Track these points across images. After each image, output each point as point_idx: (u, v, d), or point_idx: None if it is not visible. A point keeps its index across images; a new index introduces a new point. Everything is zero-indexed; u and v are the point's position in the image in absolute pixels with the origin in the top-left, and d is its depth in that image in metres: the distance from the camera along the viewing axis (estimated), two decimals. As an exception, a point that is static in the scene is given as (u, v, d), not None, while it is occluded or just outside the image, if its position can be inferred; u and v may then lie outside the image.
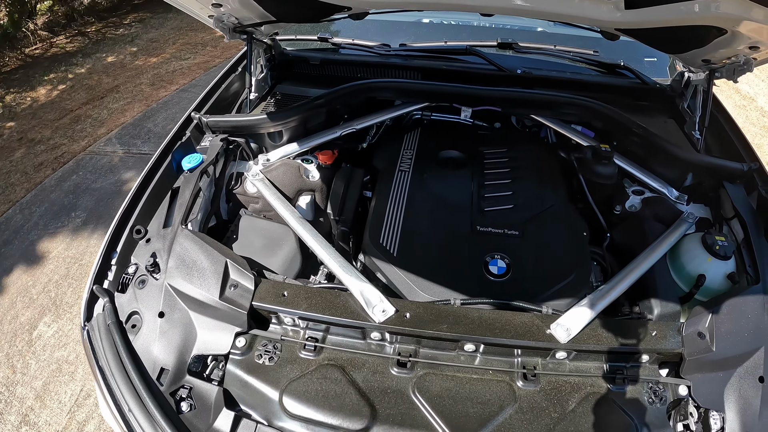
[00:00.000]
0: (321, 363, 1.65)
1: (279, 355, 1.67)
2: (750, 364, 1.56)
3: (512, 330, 1.62)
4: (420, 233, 2.05)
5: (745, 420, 1.49)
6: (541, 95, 2.59)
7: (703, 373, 1.60)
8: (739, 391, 1.53)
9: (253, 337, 1.70)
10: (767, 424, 1.48)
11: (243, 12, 2.19)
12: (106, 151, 5.72)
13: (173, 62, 8.09)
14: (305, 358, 1.66)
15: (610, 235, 2.26)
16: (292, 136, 2.51)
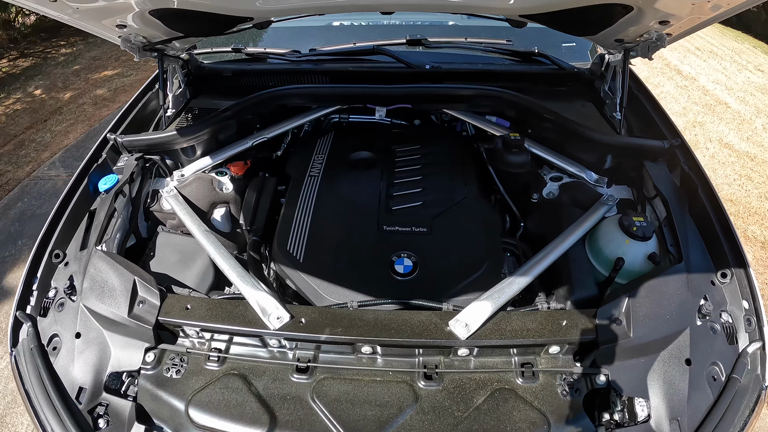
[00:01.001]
0: (224, 373, 1.67)
1: (186, 367, 1.69)
2: (674, 347, 1.55)
3: (408, 330, 1.60)
4: (327, 237, 2.05)
5: (672, 405, 1.47)
6: (447, 88, 2.61)
7: (623, 360, 1.57)
8: (665, 375, 1.51)
9: (162, 352, 1.73)
10: (697, 407, 1.47)
11: (148, 30, 2.17)
12: (50, 175, 5.64)
13: (116, 80, 7.99)
14: (210, 369, 1.68)
15: (524, 225, 2.27)
16: (205, 149, 2.50)
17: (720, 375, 1.54)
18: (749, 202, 5.45)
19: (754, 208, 5.36)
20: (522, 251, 2.15)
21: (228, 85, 2.96)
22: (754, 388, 1.50)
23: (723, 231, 1.86)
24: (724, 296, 1.72)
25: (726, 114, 7.34)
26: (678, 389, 1.49)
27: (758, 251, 4.79)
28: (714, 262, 1.81)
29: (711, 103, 7.61)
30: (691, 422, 1.45)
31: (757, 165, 6.17)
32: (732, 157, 6.23)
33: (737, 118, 7.29)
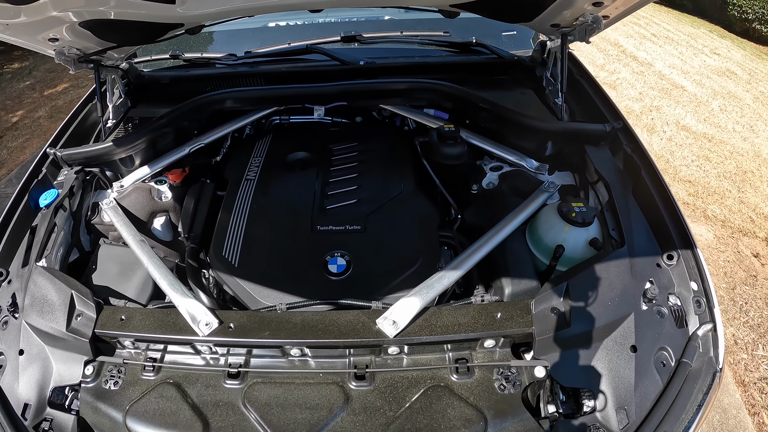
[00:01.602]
0: (159, 382, 1.66)
1: (123, 378, 1.68)
2: (618, 334, 1.52)
3: (336, 330, 1.59)
4: (262, 241, 2.02)
5: (619, 394, 1.44)
6: (381, 83, 2.58)
7: (563, 350, 1.53)
8: (609, 364, 1.48)
9: (100, 364, 1.71)
10: (645, 394, 1.43)
11: (82, 42, 2.13)
12: (7, 192, 5.48)
13: (71, 91, 7.81)
14: (146, 378, 1.67)
15: (462, 216, 2.22)
16: (143, 159, 2.47)
17: (669, 360, 1.49)
18: (708, 182, 5.50)
19: (713, 188, 5.41)
20: (461, 244, 2.09)
21: (168, 93, 2.92)
22: (707, 372, 1.47)
23: (668, 212, 1.82)
24: (671, 279, 1.67)
25: (682, 97, 7.44)
26: (624, 377, 1.45)
27: (719, 230, 4.83)
28: (659, 245, 1.77)
29: (667, 87, 7.71)
30: (639, 410, 1.41)
31: (714, 145, 6.25)
32: (689, 138, 6.31)
33: (694, 101, 7.39)
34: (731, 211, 5.15)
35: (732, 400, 3.34)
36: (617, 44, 9.27)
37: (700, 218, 4.97)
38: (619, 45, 9.31)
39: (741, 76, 9.05)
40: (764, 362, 3.64)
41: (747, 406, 3.33)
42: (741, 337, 3.80)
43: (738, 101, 7.78)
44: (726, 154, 6.15)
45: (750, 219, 5.11)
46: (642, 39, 9.99)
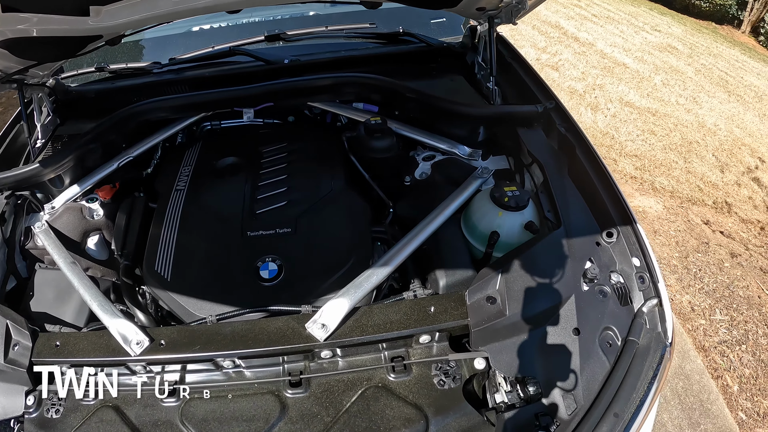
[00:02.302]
0: (99, 406, 1.62)
1: (64, 405, 1.64)
2: (559, 317, 1.48)
3: (266, 338, 1.54)
4: (193, 252, 1.96)
5: (564, 379, 1.40)
6: (304, 81, 2.53)
7: (501, 340, 1.47)
8: (552, 349, 1.44)
9: (40, 393, 1.66)
10: (592, 376, 1.40)
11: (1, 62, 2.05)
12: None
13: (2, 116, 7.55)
14: (86, 404, 1.63)
15: (394, 210, 2.17)
16: (72, 178, 2.37)
17: (615, 339, 1.45)
18: (654, 155, 5.59)
19: (660, 160, 5.51)
20: (395, 238, 2.04)
21: (96, 107, 2.81)
22: (656, 348, 1.44)
23: (605, 190, 1.79)
24: (612, 256, 1.64)
25: (625, 74, 7.57)
26: (569, 361, 1.41)
27: (668, 201, 4.91)
28: (598, 223, 1.74)
29: (609, 65, 7.84)
30: (587, 394, 1.37)
31: (658, 119, 6.37)
32: (633, 114, 6.41)
33: (636, 77, 7.53)
34: (679, 181, 5.25)
35: (694, 366, 3.39)
36: (558, 26, 9.39)
37: (649, 191, 5.04)
38: (560, 27, 9.42)
39: (682, 50, 9.28)
40: (722, 326, 3.71)
41: (709, 370, 3.38)
42: (698, 304, 3.86)
43: (680, 75, 7.97)
44: (671, 126, 6.28)
45: (698, 188, 5.21)
46: (583, 20, 10.14)
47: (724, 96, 7.59)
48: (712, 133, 6.35)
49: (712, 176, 5.49)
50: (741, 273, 4.19)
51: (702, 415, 3.11)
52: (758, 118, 7.25)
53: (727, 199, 5.24)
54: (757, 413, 3.20)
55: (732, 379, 3.37)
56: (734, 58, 9.91)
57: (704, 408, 3.15)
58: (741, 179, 5.69)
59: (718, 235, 4.64)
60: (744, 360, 3.49)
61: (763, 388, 3.34)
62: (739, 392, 3.30)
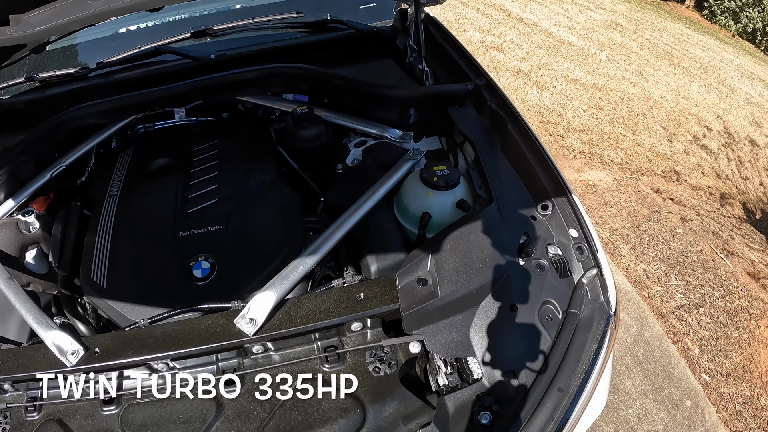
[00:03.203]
0: (42, 420, 1.59)
1: (10, 423, 1.60)
2: (495, 294, 1.45)
3: (196, 337, 1.51)
4: (127, 258, 1.92)
5: (503, 357, 1.37)
6: (228, 75, 2.49)
7: (435, 322, 1.44)
8: (489, 328, 1.41)
9: None
10: (533, 352, 1.38)
11: None
12: None
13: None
14: (30, 420, 1.59)
15: (324, 198, 2.15)
16: (6, 192, 2.30)
17: (556, 313, 1.44)
18: (602, 129, 5.66)
19: (607, 134, 5.58)
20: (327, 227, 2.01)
21: (28, 118, 2.74)
22: (599, 318, 1.43)
23: (538, 163, 1.77)
24: (549, 229, 1.63)
25: (570, 52, 7.65)
26: (507, 339, 1.39)
27: (617, 172, 4.97)
28: (533, 196, 1.73)
29: (554, 44, 7.91)
30: (529, 370, 1.36)
31: (605, 94, 6.45)
32: (580, 90, 6.48)
33: (581, 54, 7.61)
34: (627, 153, 5.32)
35: (653, 332, 3.42)
36: (502, 8, 9.43)
37: (598, 164, 5.09)
38: (504, 9, 9.46)
39: (627, 26, 9.43)
40: (679, 291, 3.76)
41: (669, 336, 3.42)
42: (652, 271, 3.91)
43: (625, 50, 8.10)
44: (617, 100, 6.36)
45: (647, 158, 5.29)
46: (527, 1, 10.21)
47: (670, 69, 7.74)
48: (658, 105, 6.46)
49: (660, 146, 5.58)
50: (694, 238, 4.26)
51: (665, 380, 3.15)
52: (704, 88, 7.41)
53: (675, 167, 5.33)
54: (720, 373, 3.26)
55: (692, 342, 3.41)
56: (679, 32, 10.12)
57: (666, 372, 3.19)
58: (689, 147, 5.80)
59: (668, 202, 4.72)
60: (703, 323, 3.55)
61: (723, 348, 3.40)
62: (701, 354, 3.35)
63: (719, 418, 3.03)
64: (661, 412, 2.99)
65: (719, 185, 5.33)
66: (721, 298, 3.76)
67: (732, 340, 3.46)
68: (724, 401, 3.12)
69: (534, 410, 1.28)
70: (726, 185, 5.36)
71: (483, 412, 1.31)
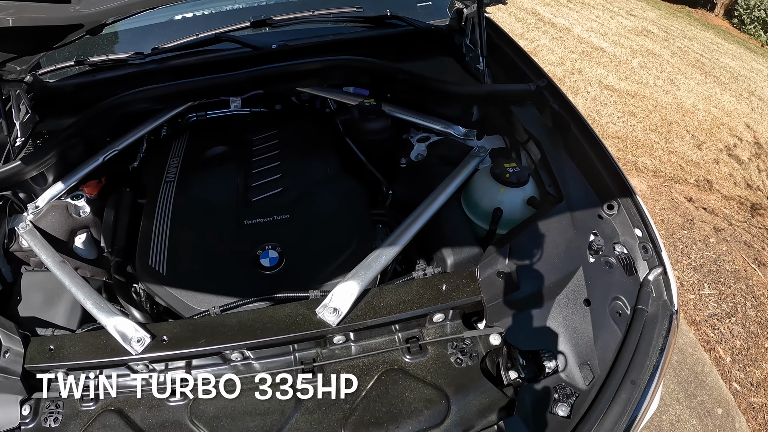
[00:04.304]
0: (100, 411, 1.53)
1: (63, 413, 1.55)
2: (569, 289, 1.47)
3: (275, 327, 1.49)
4: (188, 244, 1.91)
5: (579, 350, 1.39)
6: (293, 65, 2.50)
7: (515, 314, 1.47)
8: (565, 321, 1.43)
9: (37, 401, 1.57)
10: (606, 346, 1.40)
11: None
12: None
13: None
14: (86, 409, 1.54)
15: (393, 192, 2.16)
16: (56, 175, 2.28)
17: (625, 309, 1.47)
18: (635, 136, 5.66)
19: (641, 141, 5.57)
20: (395, 220, 2.03)
21: (77, 101, 2.70)
22: (663, 315, 1.45)
23: (602, 163, 1.79)
24: (615, 228, 1.65)
25: (603, 58, 7.64)
26: (582, 332, 1.41)
27: (651, 180, 4.97)
28: (598, 196, 1.75)
29: (587, 50, 7.89)
30: (603, 362, 1.38)
31: (638, 101, 6.43)
32: (613, 97, 6.47)
33: (614, 61, 7.60)
34: (661, 161, 5.32)
35: (687, 340, 3.43)
36: (535, 12, 9.42)
37: (632, 171, 5.09)
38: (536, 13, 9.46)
39: (657, 34, 9.38)
40: (711, 300, 3.76)
41: (702, 343, 3.43)
42: (686, 279, 3.91)
43: (657, 58, 8.06)
44: (650, 108, 6.35)
45: (680, 167, 5.28)
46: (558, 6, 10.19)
47: (701, 77, 7.70)
48: (690, 114, 6.44)
49: (692, 155, 5.57)
50: (726, 248, 4.25)
51: (698, 387, 3.16)
52: (734, 98, 7.36)
53: (708, 177, 5.32)
54: (750, 383, 3.26)
55: (724, 351, 3.42)
56: (709, 40, 10.05)
57: (699, 380, 3.20)
58: (720, 157, 5.78)
59: (701, 211, 4.71)
60: (734, 332, 3.55)
61: (754, 358, 3.40)
62: (732, 363, 3.36)
63: (749, 428, 3.03)
64: (693, 419, 3.00)
65: (750, 195, 5.30)
66: (753, 308, 3.75)
67: (763, 350, 3.46)
68: (754, 411, 3.12)
69: (610, 402, 1.30)
70: (757, 196, 5.34)
71: (561, 403, 1.33)
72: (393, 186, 2.17)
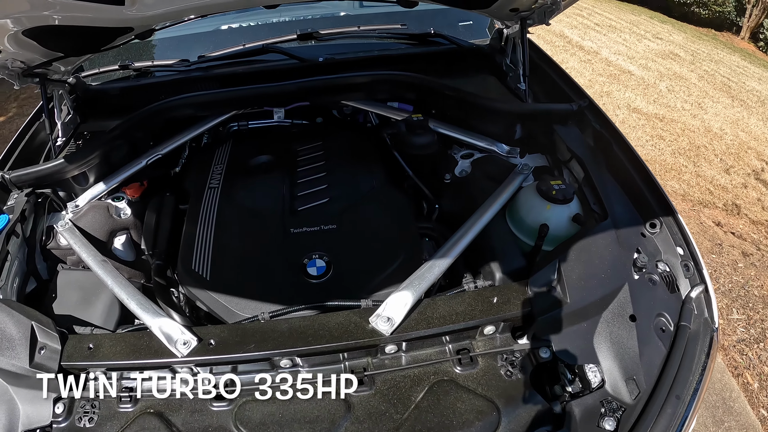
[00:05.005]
0: (139, 413, 1.51)
1: (98, 413, 1.51)
2: (615, 305, 1.47)
3: (327, 334, 1.48)
4: (232, 250, 1.92)
5: (625, 364, 1.39)
6: (342, 78, 2.52)
7: (564, 328, 1.47)
8: (611, 336, 1.43)
9: (71, 400, 1.53)
10: (651, 361, 1.40)
11: (25, 54, 1.99)
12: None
13: (16, 120, 7.48)
14: (123, 411, 1.51)
15: (439, 206, 2.18)
16: (98, 175, 2.30)
17: (668, 325, 1.47)
18: (664, 159, 5.66)
19: (669, 165, 5.57)
20: (441, 234, 2.04)
21: (119, 105, 2.75)
22: (705, 332, 1.46)
23: (644, 182, 1.82)
24: (657, 246, 1.67)
25: (630, 81, 7.65)
26: (628, 347, 1.41)
27: (680, 204, 4.96)
28: (641, 215, 1.76)
29: (615, 72, 7.92)
30: (648, 378, 1.37)
31: (666, 125, 6.44)
32: (642, 120, 6.48)
33: (642, 84, 7.61)
34: (689, 185, 5.31)
35: (715, 365, 3.40)
36: (563, 35, 9.48)
37: (662, 190, 5.06)
38: (564, 36, 9.52)
39: (684, 57, 9.38)
40: (740, 325, 3.74)
41: (730, 369, 3.40)
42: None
43: (684, 81, 8.05)
44: (678, 131, 6.35)
45: (708, 191, 5.27)
46: (586, 29, 10.24)
47: (728, 101, 7.67)
48: (718, 138, 6.42)
49: (720, 179, 5.55)
50: (755, 273, 4.23)
51: (725, 413, 3.13)
52: (762, 122, 7.32)
53: (736, 201, 5.30)
54: (778, 410, 3.23)
55: (752, 376, 3.39)
56: (735, 63, 10.01)
57: (727, 406, 3.18)
58: (748, 181, 5.74)
59: (730, 236, 4.69)
60: (762, 358, 3.52)
61: (782, 385, 3.38)
62: (760, 389, 3.33)
63: (776, 455, 3.02)
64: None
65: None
66: (781, 334, 3.73)
67: (791, 378, 3.44)
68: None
69: (656, 416, 1.30)
70: (785, 222, 5.31)
71: (608, 417, 1.34)
72: (438, 200, 2.19)
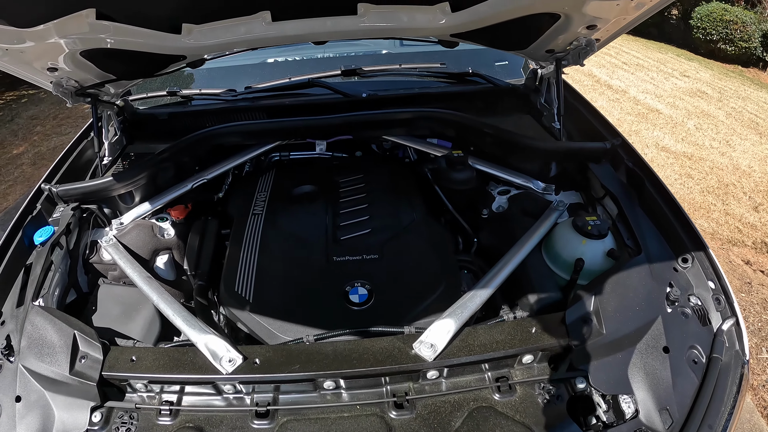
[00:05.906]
0: (178, 427, 1.54)
1: (136, 425, 1.55)
2: (649, 337, 1.52)
3: (371, 358, 1.52)
4: (276, 274, 1.97)
5: (659, 395, 1.43)
6: (386, 113, 2.61)
7: (600, 359, 1.51)
8: (645, 367, 1.47)
9: (109, 410, 1.58)
10: (684, 392, 1.44)
11: (80, 74, 2.09)
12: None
13: (54, 138, 7.69)
14: (162, 424, 1.55)
15: (478, 240, 2.26)
16: (143, 195, 2.39)
17: (700, 357, 1.51)
18: (693, 198, 5.67)
19: (698, 203, 5.58)
20: (479, 267, 2.12)
21: (165, 130, 2.85)
22: (736, 364, 1.50)
23: (676, 218, 1.88)
24: (689, 280, 1.72)
25: (659, 120, 7.69)
26: (661, 378, 1.45)
27: (709, 242, 4.89)
28: (673, 250, 1.82)
29: (643, 111, 7.98)
30: (681, 409, 1.41)
31: (694, 163, 6.45)
32: (670, 159, 6.51)
33: (670, 122, 7.64)
34: (718, 223, 5.31)
35: (744, 404, 3.39)
36: (591, 74, 9.60)
37: (692, 227, 5.06)
38: (592, 75, 9.64)
39: (711, 95, 9.39)
40: (769, 365, 3.71)
41: (759, 409, 3.38)
42: (744, 343, 3.87)
43: (712, 119, 8.07)
44: (707, 170, 6.36)
45: (737, 229, 5.26)
46: (614, 68, 10.36)
47: (756, 138, 7.65)
48: (747, 175, 6.41)
49: (749, 217, 5.53)
50: (785, 312, 4.21)
51: (754, 454, 3.12)
52: (790, 160, 7.30)
53: (765, 239, 5.26)
54: (807, 452, 3.20)
55: (781, 418, 3.37)
56: (763, 100, 9.96)
57: (756, 446, 3.17)
58: (778, 220, 5.73)
59: (759, 274, 4.67)
60: (792, 399, 3.50)
61: (811, 427, 3.34)
62: (790, 431, 3.31)
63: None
64: (749, 486, 2.97)
65: (808, 260, 5.23)
66: (811, 376, 3.69)
67: (821, 420, 3.40)
68: (811, 482, 3.06)
69: None
70: (814, 261, 5.26)
71: None
72: (476, 234, 2.27)
